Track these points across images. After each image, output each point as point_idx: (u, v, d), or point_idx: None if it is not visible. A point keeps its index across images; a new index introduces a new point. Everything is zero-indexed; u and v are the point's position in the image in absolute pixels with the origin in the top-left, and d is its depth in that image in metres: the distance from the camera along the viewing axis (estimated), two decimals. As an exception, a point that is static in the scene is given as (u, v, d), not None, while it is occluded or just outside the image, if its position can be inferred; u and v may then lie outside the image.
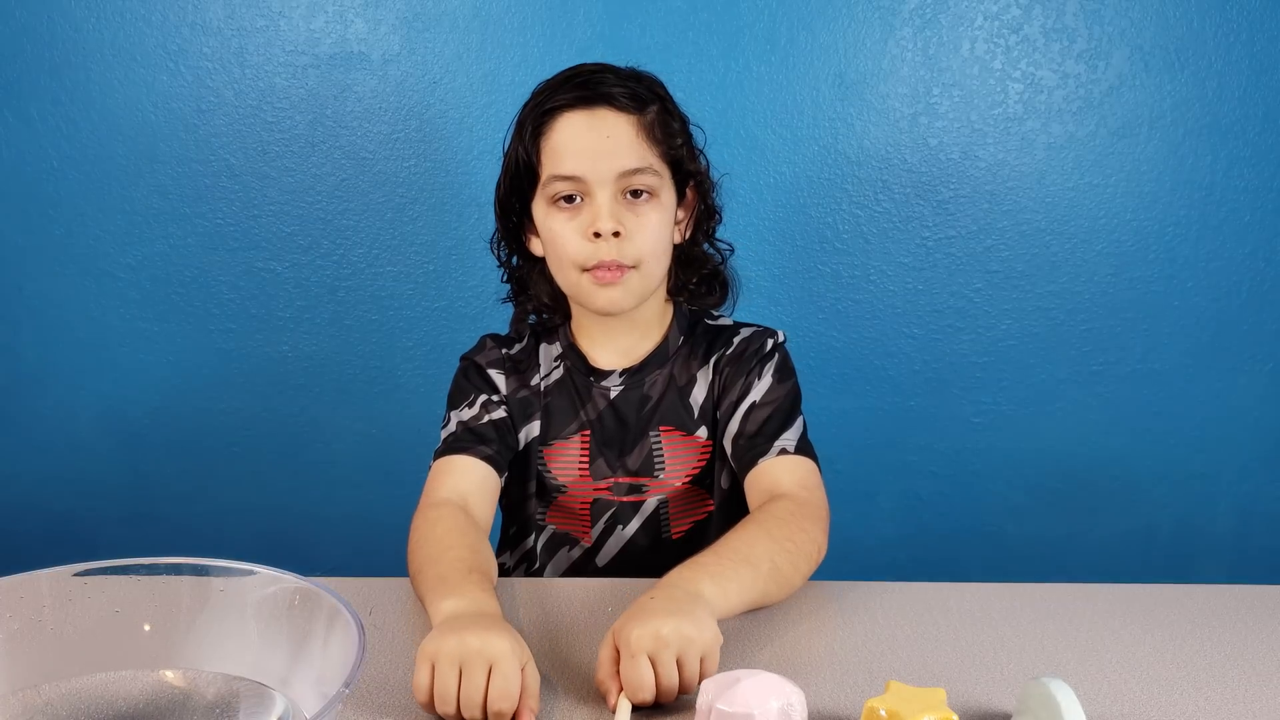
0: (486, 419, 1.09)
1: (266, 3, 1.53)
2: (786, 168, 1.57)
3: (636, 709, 0.75)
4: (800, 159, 1.57)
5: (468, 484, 1.05)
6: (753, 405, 1.09)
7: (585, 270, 1.04)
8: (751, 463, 1.06)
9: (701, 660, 0.77)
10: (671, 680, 0.76)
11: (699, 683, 0.75)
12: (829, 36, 1.53)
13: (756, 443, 1.07)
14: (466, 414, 1.10)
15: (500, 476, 1.08)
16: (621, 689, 0.76)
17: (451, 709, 0.75)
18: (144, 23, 1.53)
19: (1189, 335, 1.63)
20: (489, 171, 1.55)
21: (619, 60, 1.10)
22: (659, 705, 0.77)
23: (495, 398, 1.11)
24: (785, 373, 1.12)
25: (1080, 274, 1.61)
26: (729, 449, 1.10)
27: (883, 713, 0.67)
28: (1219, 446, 1.67)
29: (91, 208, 1.59)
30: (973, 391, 1.65)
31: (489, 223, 1.16)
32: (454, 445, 1.07)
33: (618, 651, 0.78)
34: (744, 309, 1.20)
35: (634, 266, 1.04)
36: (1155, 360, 1.64)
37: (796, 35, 1.53)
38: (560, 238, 1.05)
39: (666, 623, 0.77)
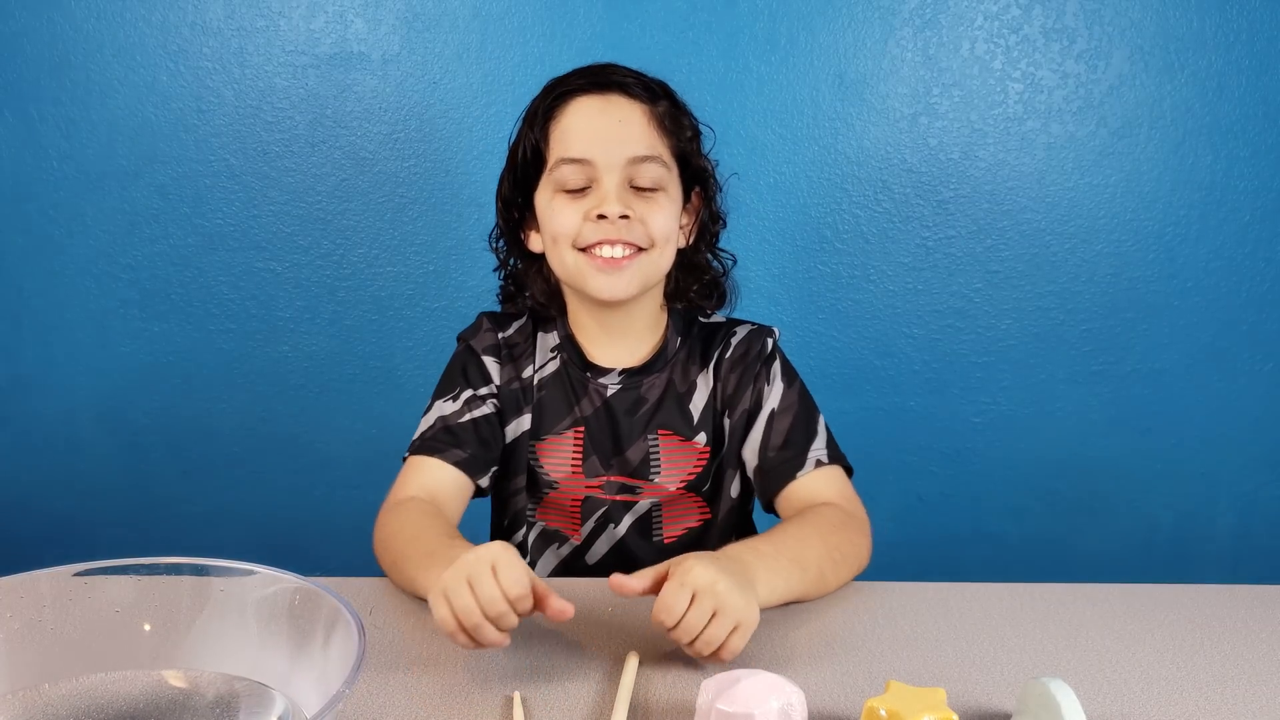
0: (467, 417, 1.07)
1: (266, 3, 1.53)
2: (786, 168, 1.57)
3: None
4: (800, 159, 1.57)
5: (436, 485, 1.03)
6: (772, 414, 1.07)
7: (582, 251, 1.03)
8: (789, 476, 1.04)
9: (733, 631, 0.79)
10: (695, 621, 0.78)
11: (716, 651, 0.78)
12: (829, 36, 1.53)
13: (788, 455, 1.05)
14: (448, 408, 1.08)
15: (474, 480, 1.06)
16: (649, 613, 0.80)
17: (477, 617, 0.76)
18: (144, 23, 1.53)
19: (1189, 335, 1.63)
20: (489, 171, 1.56)
21: (618, 60, 1.10)
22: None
23: (483, 391, 1.10)
24: (791, 373, 1.11)
25: (1080, 274, 1.61)
26: (753, 462, 1.08)
27: (883, 713, 0.67)
28: (1219, 446, 1.67)
29: (91, 208, 1.59)
30: (973, 391, 1.65)
31: (489, 223, 1.16)
32: (428, 445, 1.06)
33: (656, 584, 0.81)
34: (745, 309, 1.20)
35: (643, 249, 1.02)
36: (1155, 360, 1.64)
37: (796, 35, 1.53)
38: (559, 216, 1.03)
39: (726, 580, 0.79)
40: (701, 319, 1.15)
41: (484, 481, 1.07)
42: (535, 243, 1.10)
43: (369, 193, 1.58)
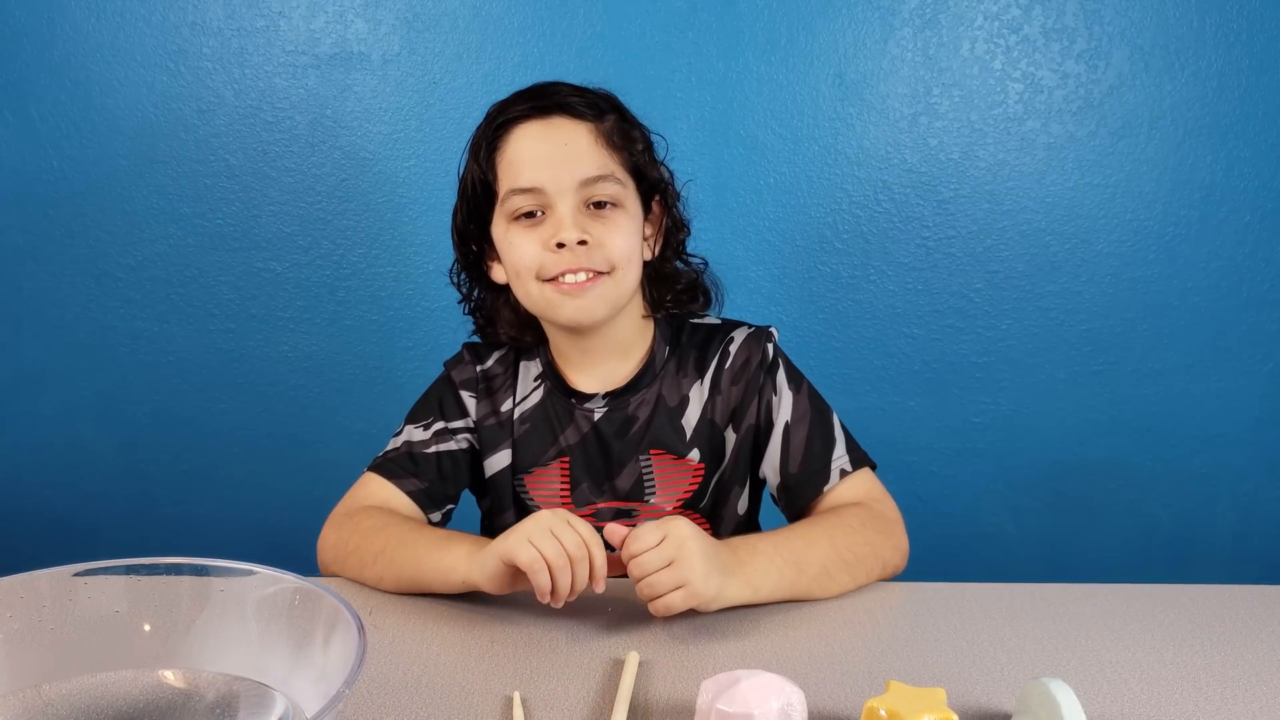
0: (433, 449, 1.06)
1: (266, 3, 1.53)
2: (786, 168, 1.57)
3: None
4: (800, 159, 1.57)
5: (393, 507, 1.02)
6: (786, 428, 1.04)
7: (547, 281, 0.99)
8: (815, 492, 1.02)
9: (674, 589, 0.83)
10: (650, 560, 0.83)
11: (652, 604, 0.84)
12: (829, 36, 1.53)
13: (811, 470, 1.03)
14: (417, 435, 1.06)
15: (425, 513, 1.04)
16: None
17: (565, 560, 0.82)
18: (144, 23, 1.53)
19: (1189, 335, 1.63)
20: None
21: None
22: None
23: (456, 424, 1.08)
24: (797, 376, 1.08)
25: (1080, 274, 1.61)
26: (775, 480, 1.05)
27: (883, 713, 0.67)
28: (1219, 446, 1.67)
29: (91, 208, 1.59)
30: (973, 391, 1.65)
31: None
32: (389, 467, 1.04)
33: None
34: (746, 310, 1.20)
35: (606, 273, 0.99)
36: (1155, 360, 1.64)
37: (796, 35, 1.53)
38: (518, 249, 1.00)
39: (700, 546, 0.83)
40: (693, 321, 1.11)
41: (435, 516, 1.05)
42: (498, 273, 1.07)
43: (369, 193, 1.58)
